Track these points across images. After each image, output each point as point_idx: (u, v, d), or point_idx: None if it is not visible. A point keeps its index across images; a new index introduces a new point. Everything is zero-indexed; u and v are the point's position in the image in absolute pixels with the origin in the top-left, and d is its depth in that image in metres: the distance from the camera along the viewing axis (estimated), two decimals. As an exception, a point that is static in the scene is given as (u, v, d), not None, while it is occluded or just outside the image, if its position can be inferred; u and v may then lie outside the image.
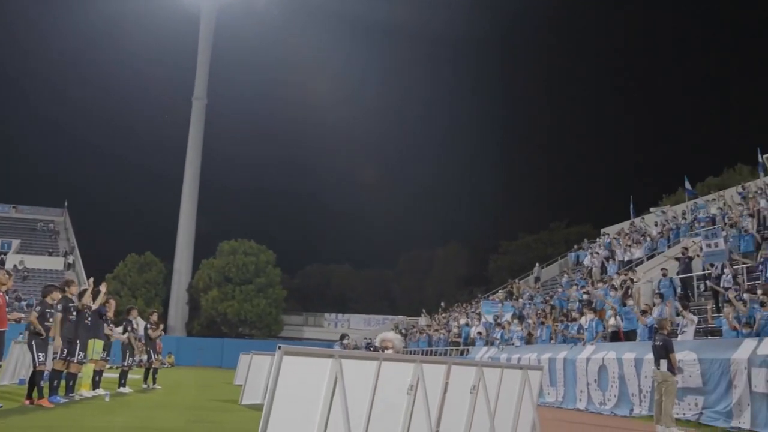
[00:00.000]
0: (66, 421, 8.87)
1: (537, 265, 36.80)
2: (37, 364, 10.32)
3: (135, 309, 16.44)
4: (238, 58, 77.15)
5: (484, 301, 29.94)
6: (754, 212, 20.28)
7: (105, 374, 14.23)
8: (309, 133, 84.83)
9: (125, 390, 14.53)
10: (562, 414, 14.85)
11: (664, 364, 11.17)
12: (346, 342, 24.55)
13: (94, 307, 12.03)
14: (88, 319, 11.78)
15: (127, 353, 15.11)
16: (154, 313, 17.66)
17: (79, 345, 11.28)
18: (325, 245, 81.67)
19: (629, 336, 15.97)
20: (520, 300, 28.10)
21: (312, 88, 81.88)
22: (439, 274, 67.70)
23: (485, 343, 23.41)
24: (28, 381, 10.88)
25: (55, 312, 10.70)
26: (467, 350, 24.36)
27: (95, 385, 13.23)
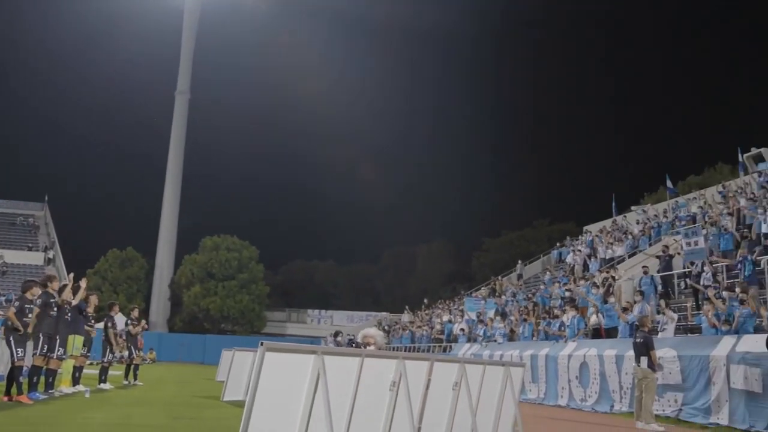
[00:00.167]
0: (45, 418, 8.77)
1: (520, 262, 36.94)
2: (16, 360, 10.19)
3: (116, 305, 16.29)
4: (223, 52, 76.83)
5: (467, 298, 30.01)
6: (734, 211, 20.48)
7: (85, 370, 14.12)
8: (294, 130, 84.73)
9: (106, 386, 14.41)
10: (543, 410, 14.94)
11: (644, 361, 11.30)
12: (340, 339, 24.52)
13: (75, 302, 11.91)
14: (68, 315, 11.65)
15: (107, 349, 15.00)
16: (135, 308, 17.57)
17: (59, 341, 11.17)
18: (309, 241, 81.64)
19: (610, 333, 16.09)
20: (502, 297, 28.19)
21: (298, 86, 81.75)
22: (423, 271, 67.81)
23: (468, 340, 23.51)
24: (7, 377, 10.77)
25: (34, 307, 10.57)
26: (450, 347, 24.45)
27: (75, 381, 13.14)
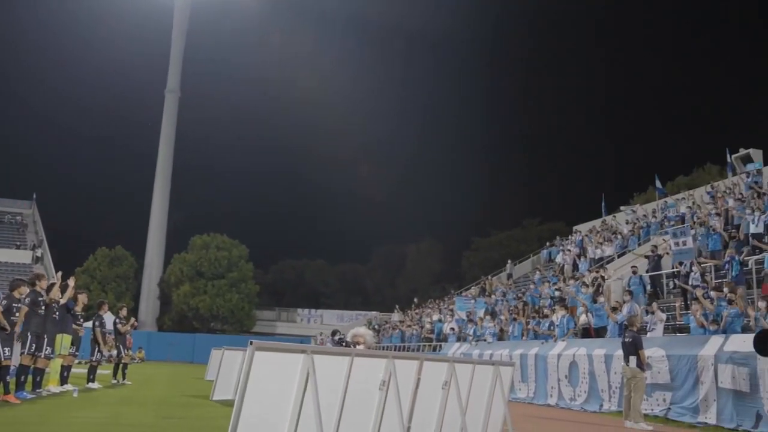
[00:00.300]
0: (33, 417, 8.72)
1: (510, 261, 36.99)
2: (3, 359, 10.11)
3: (105, 303, 16.20)
4: (214, 50, 76.56)
5: (457, 298, 30.09)
6: (722, 211, 20.59)
7: (73, 369, 14.04)
8: (284, 129, 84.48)
9: (94, 386, 14.32)
10: (533, 409, 14.97)
11: (633, 360, 11.35)
12: (338, 338, 24.44)
13: (63, 301, 11.84)
14: (56, 314, 11.58)
15: (96, 348, 14.91)
16: (123, 307, 17.48)
17: (46, 340, 11.10)
18: (299, 241, 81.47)
19: (600, 332, 16.15)
20: (492, 296, 28.24)
21: (288, 85, 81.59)
22: (413, 270, 67.93)
23: (458, 339, 23.53)
24: (-6, 377, 10.67)
25: (21, 306, 10.50)
26: (440, 346, 24.48)
27: (63, 380, 13.07)
